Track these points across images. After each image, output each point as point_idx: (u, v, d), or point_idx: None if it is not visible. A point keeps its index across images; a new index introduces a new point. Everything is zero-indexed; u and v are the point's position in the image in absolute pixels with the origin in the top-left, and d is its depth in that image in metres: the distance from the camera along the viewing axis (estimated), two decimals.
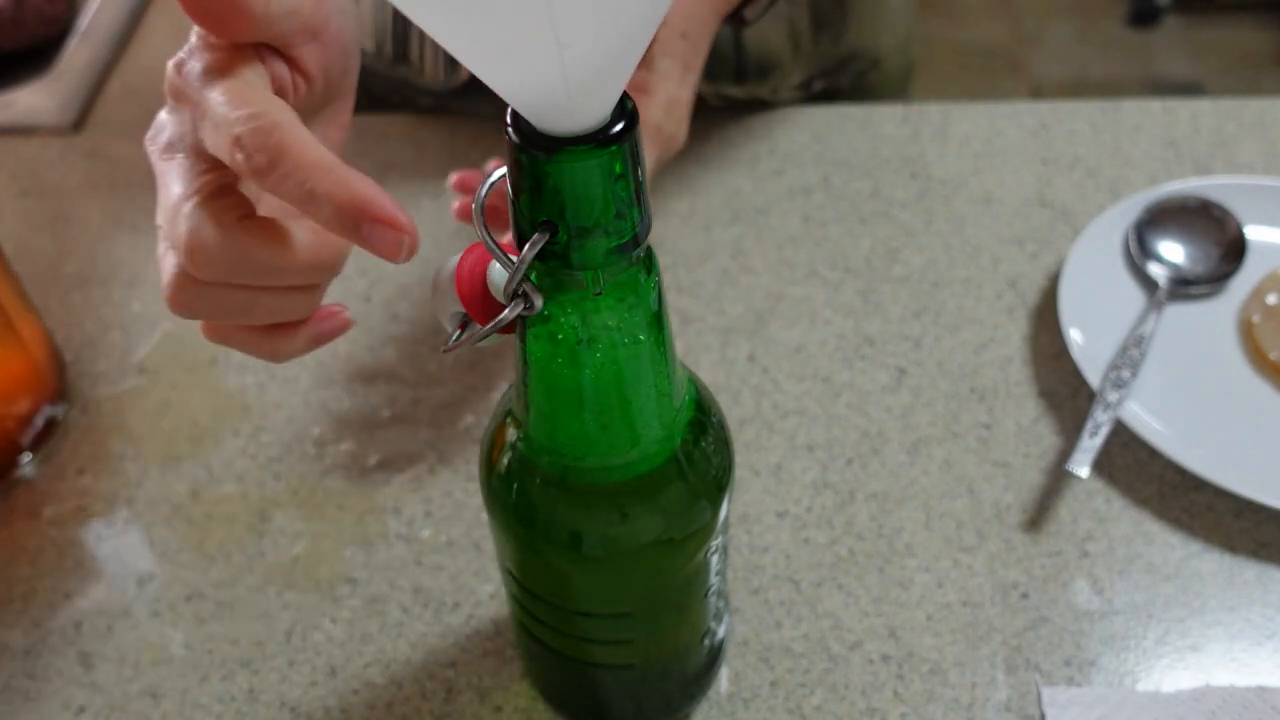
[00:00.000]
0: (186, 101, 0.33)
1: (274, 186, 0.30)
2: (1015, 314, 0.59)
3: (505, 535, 0.37)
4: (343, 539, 0.52)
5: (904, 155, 0.67)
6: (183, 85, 0.33)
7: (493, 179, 0.29)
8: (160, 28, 0.78)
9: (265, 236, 0.32)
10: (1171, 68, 1.95)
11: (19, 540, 0.52)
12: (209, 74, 0.32)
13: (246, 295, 0.33)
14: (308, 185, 0.30)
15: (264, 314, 0.34)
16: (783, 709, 0.46)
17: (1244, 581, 0.49)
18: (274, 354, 0.36)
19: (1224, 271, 0.59)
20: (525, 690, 0.47)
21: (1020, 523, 0.51)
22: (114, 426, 0.56)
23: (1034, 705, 0.46)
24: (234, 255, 0.32)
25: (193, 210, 0.32)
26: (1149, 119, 0.68)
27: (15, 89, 0.73)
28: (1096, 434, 0.51)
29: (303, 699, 0.47)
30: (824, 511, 0.52)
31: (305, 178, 0.30)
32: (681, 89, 0.52)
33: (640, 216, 0.28)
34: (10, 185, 0.68)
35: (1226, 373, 0.56)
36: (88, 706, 0.47)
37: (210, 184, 0.32)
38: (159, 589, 0.50)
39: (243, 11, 0.32)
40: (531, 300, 0.29)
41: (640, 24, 0.25)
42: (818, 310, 0.60)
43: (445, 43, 0.26)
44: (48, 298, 0.62)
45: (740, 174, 0.66)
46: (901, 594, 0.49)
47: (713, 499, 0.36)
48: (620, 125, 0.27)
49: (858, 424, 0.55)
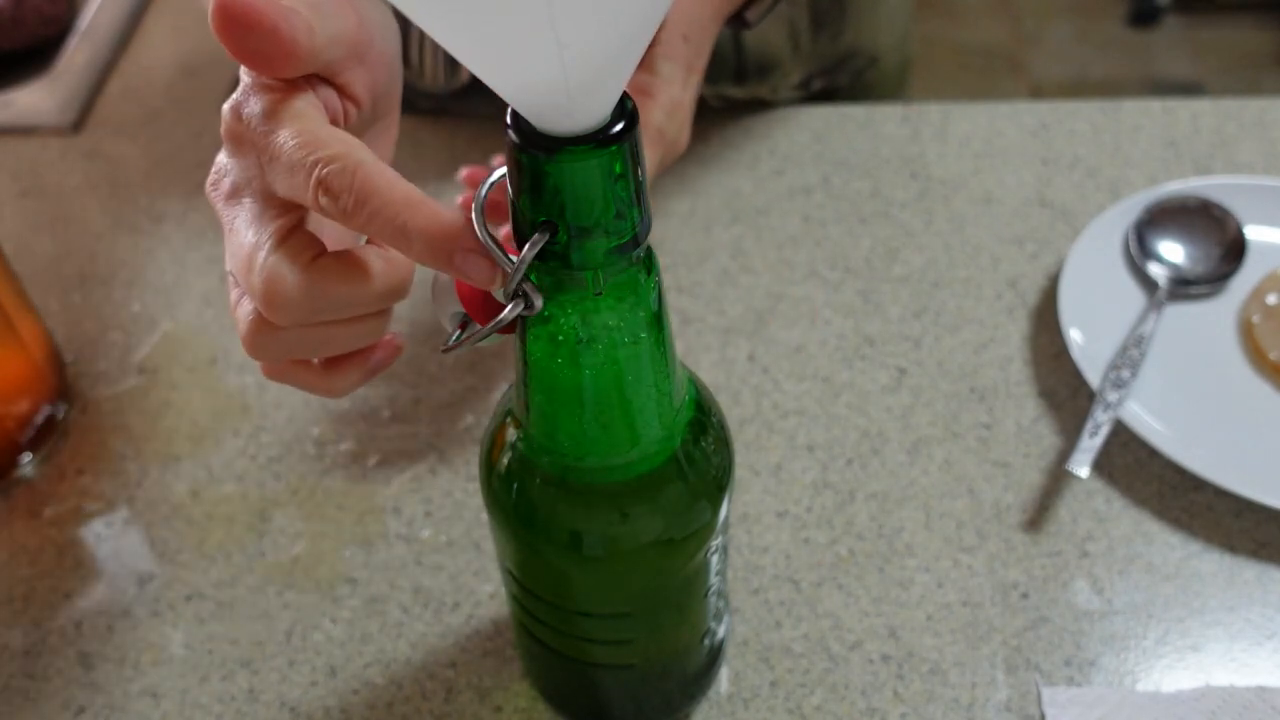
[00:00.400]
0: (248, 145, 0.33)
1: (363, 225, 0.30)
2: (1015, 314, 0.59)
3: (505, 535, 0.37)
4: (343, 539, 0.52)
5: (904, 155, 0.67)
6: (243, 130, 0.33)
7: (493, 178, 0.29)
8: (160, 28, 0.78)
9: (341, 273, 0.32)
10: (1171, 68, 1.95)
11: (19, 540, 0.52)
12: (270, 116, 0.32)
13: (322, 331, 0.33)
14: (399, 221, 0.30)
15: (339, 346, 0.34)
16: (783, 709, 0.46)
17: (1244, 581, 0.49)
18: (331, 390, 0.36)
19: (1224, 271, 0.59)
20: (525, 690, 0.47)
21: (1020, 523, 0.51)
22: (114, 426, 0.56)
23: (1034, 705, 0.46)
24: (313, 297, 0.32)
25: (268, 257, 0.32)
26: (1149, 119, 0.68)
27: (15, 89, 0.73)
28: (1096, 434, 0.51)
29: (303, 699, 0.47)
30: (824, 511, 0.52)
31: (395, 214, 0.30)
32: (684, 92, 0.52)
33: (640, 216, 0.28)
34: (10, 185, 0.68)
35: (1226, 373, 0.55)
36: (88, 706, 0.47)
37: (283, 228, 0.32)
38: (159, 589, 0.50)
39: (291, 50, 0.32)
40: (531, 300, 0.29)
41: (640, 24, 0.25)
42: (818, 310, 0.60)
43: (445, 43, 0.26)
44: (48, 298, 0.62)
45: (740, 174, 0.66)
46: (901, 594, 0.49)
47: (713, 499, 0.36)
48: (620, 125, 0.27)
49: (858, 424, 0.55)
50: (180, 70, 0.75)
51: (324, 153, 0.30)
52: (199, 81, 0.74)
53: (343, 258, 0.32)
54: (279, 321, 0.32)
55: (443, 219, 0.30)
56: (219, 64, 0.75)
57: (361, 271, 0.32)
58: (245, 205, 0.33)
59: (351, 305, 0.33)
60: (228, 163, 0.34)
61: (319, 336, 0.33)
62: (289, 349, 0.34)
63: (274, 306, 0.32)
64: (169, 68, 0.75)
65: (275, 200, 0.32)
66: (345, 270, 0.32)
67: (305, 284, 0.31)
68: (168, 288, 0.62)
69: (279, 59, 0.32)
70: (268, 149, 0.32)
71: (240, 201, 0.33)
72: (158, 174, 0.68)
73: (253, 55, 0.32)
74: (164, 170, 0.68)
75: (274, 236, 0.32)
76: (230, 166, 0.34)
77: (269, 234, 0.32)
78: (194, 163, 0.69)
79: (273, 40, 0.32)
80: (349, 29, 0.35)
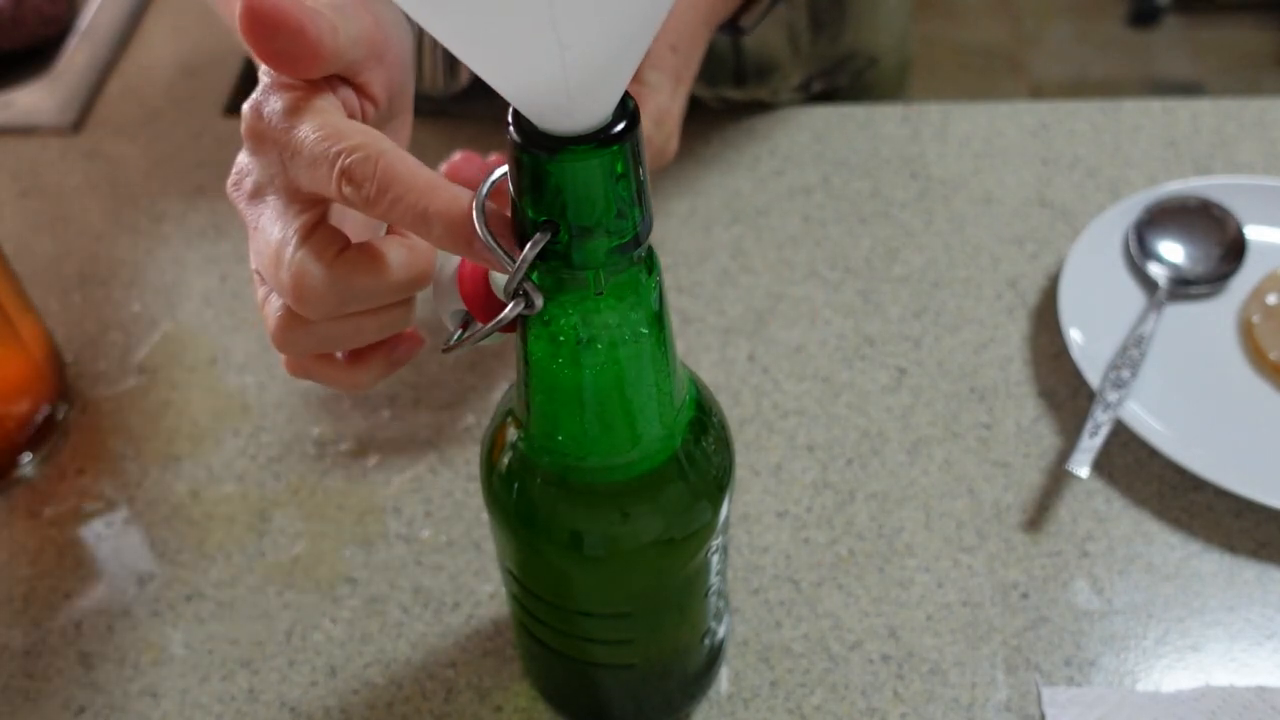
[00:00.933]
0: (269, 143, 0.33)
1: (384, 212, 0.31)
2: (1015, 314, 0.59)
3: (505, 535, 0.37)
4: (343, 539, 0.52)
5: (904, 155, 0.67)
6: (264, 128, 0.33)
7: (493, 178, 0.29)
8: (160, 28, 0.78)
9: (366, 264, 0.33)
10: (1171, 68, 1.95)
11: (19, 540, 0.52)
12: (291, 113, 0.32)
13: (349, 323, 0.34)
14: (420, 206, 0.30)
15: (366, 337, 0.35)
16: (783, 709, 0.46)
17: (1244, 581, 0.49)
18: (355, 384, 0.37)
19: (1224, 271, 0.59)
20: (525, 690, 0.47)
21: (1020, 523, 0.51)
22: (114, 426, 0.56)
23: (1034, 705, 0.46)
24: (340, 290, 0.32)
25: (295, 253, 0.32)
26: (1149, 119, 0.68)
27: (15, 89, 0.73)
28: (1096, 434, 0.51)
29: (303, 699, 0.47)
30: (824, 511, 0.52)
31: (417, 200, 0.30)
32: (672, 101, 0.52)
33: (641, 216, 0.28)
34: (10, 185, 0.68)
35: (1226, 373, 0.56)
36: (88, 706, 0.47)
37: (307, 223, 0.33)
38: (159, 589, 0.50)
39: (316, 51, 0.32)
40: (532, 300, 0.29)
41: (641, 24, 0.25)
42: (818, 310, 0.60)
43: (447, 42, 0.26)
44: (48, 298, 0.62)
45: (740, 174, 0.66)
46: (901, 594, 0.49)
47: (713, 499, 0.36)
48: (621, 125, 0.27)
49: (858, 424, 0.55)
50: (180, 70, 0.75)
51: (346, 143, 0.31)
52: (199, 81, 0.74)
53: (366, 249, 0.33)
54: (308, 315, 0.33)
55: (462, 203, 0.30)
56: (219, 64, 0.75)
57: (385, 262, 0.33)
58: (269, 203, 0.33)
59: (378, 295, 0.33)
60: (249, 162, 0.34)
61: (347, 328, 0.34)
62: (318, 342, 0.34)
63: (303, 301, 0.32)
64: (169, 68, 0.75)
65: (299, 196, 0.33)
66: (370, 261, 0.33)
67: (332, 277, 0.32)
68: (168, 288, 0.62)
69: (305, 60, 0.32)
70: (289, 145, 0.32)
71: (263, 200, 0.33)
72: (158, 174, 0.68)
73: (279, 56, 0.32)
74: (164, 170, 0.68)
75: (299, 232, 0.32)
76: (251, 166, 0.34)
77: (294, 230, 0.32)
78: (194, 163, 0.69)
79: (299, 41, 0.32)
80: (368, 29, 0.35)
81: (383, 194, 0.30)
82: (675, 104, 0.53)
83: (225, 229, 0.65)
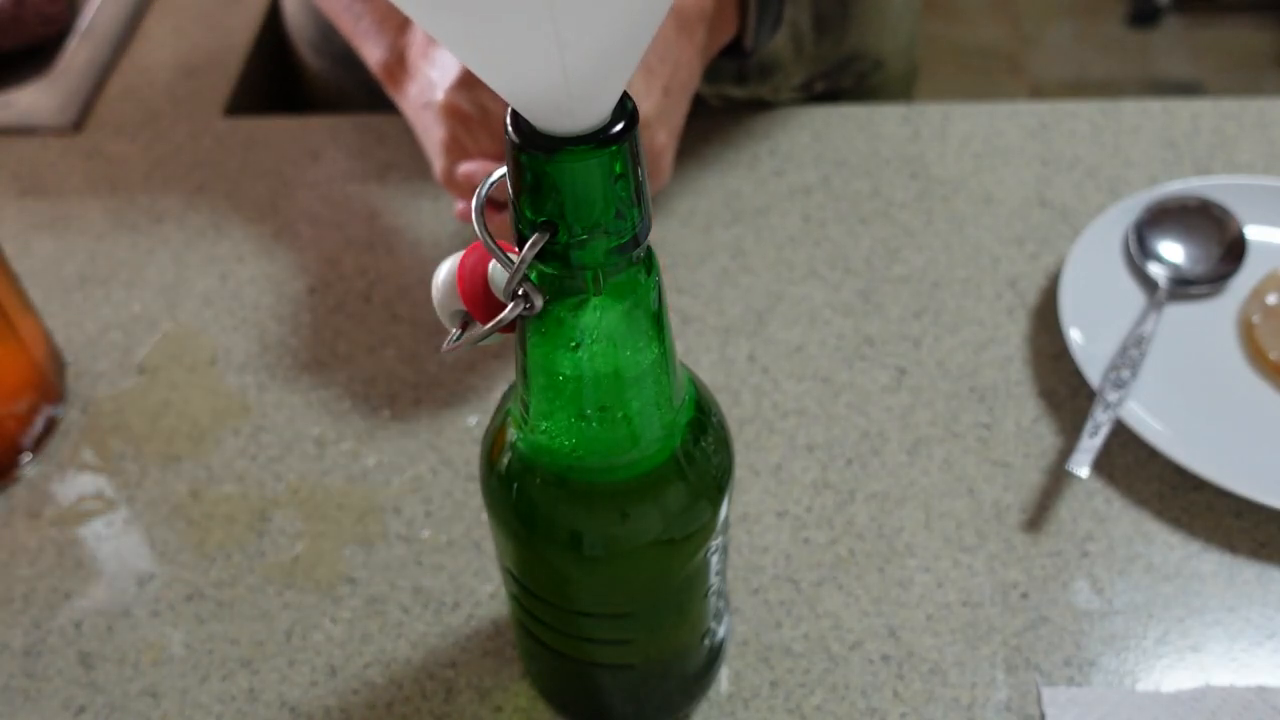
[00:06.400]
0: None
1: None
2: (1015, 314, 0.59)
3: (505, 535, 0.37)
4: (343, 539, 0.52)
5: (904, 155, 0.67)
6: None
7: (493, 178, 0.29)
8: (160, 28, 0.78)
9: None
10: (1171, 68, 1.95)
11: (19, 540, 0.52)
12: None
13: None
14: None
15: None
16: (783, 709, 0.46)
17: (1244, 581, 0.49)
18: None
19: (1224, 271, 0.59)
20: (525, 690, 0.47)
21: (1020, 523, 0.51)
22: (114, 426, 0.56)
23: (1034, 705, 0.46)
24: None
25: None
26: (1149, 119, 0.68)
27: (15, 89, 0.73)
28: (1096, 434, 0.51)
29: (303, 699, 0.47)
30: (824, 511, 0.52)
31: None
32: (667, 142, 0.54)
33: (640, 216, 0.28)
34: (10, 185, 0.68)
35: (1226, 373, 0.55)
36: (88, 706, 0.47)
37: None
38: (159, 589, 0.50)
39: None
40: (531, 300, 0.29)
41: (641, 24, 0.25)
42: (818, 310, 0.60)
43: (446, 42, 0.26)
44: (48, 298, 0.62)
45: (740, 174, 0.66)
46: (901, 594, 0.49)
47: (713, 499, 0.36)
48: (620, 125, 0.27)
49: (858, 424, 0.55)
50: (180, 70, 0.75)
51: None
52: (199, 81, 0.74)
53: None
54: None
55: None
56: (219, 64, 0.75)
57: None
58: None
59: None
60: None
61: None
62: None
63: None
64: (169, 68, 0.75)
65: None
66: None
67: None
68: (168, 288, 0.62)
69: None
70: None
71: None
72: (158, 174, 0.68)
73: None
74: (164, 170, 0.68)
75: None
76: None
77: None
78: (194, 163, 0.69)
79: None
80: None
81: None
82: (670, 144, 0.54)
83: (225, 229, 0.65)
